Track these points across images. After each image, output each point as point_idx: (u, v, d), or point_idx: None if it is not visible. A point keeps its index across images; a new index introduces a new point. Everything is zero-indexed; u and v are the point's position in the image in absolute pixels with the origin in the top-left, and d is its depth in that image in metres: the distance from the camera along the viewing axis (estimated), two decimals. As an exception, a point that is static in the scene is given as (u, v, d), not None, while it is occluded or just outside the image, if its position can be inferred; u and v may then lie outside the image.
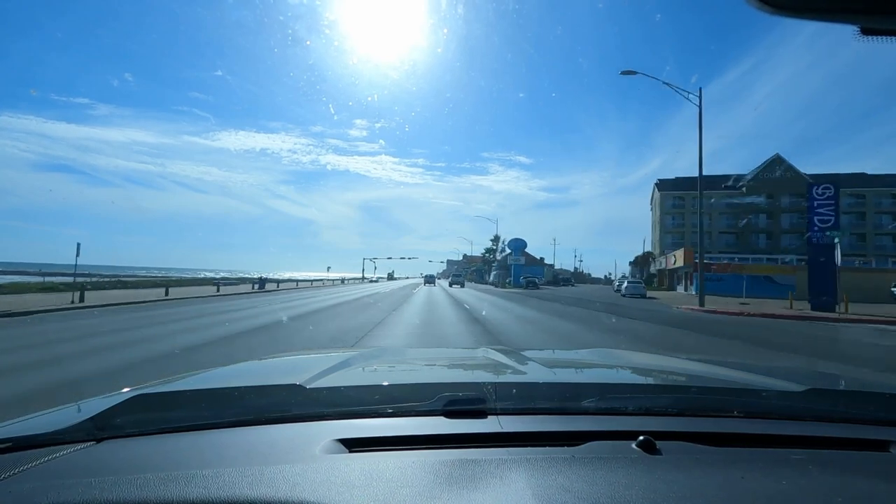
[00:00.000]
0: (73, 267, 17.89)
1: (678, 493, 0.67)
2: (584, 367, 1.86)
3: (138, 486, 0.68)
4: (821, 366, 6.99)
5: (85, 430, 0.88)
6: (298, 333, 9.90)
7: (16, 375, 5.37)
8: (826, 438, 0.93)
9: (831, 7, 0.60)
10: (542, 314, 15.85)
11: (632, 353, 2.40)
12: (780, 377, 1.46)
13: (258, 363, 1.86)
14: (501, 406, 0.99)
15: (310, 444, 0.84)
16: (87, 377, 5.32)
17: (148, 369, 5.77)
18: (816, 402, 1.14)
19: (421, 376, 1.54)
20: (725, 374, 1.61)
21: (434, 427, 0.92)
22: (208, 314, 13.34)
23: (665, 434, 0.88)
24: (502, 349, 1.95)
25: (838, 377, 1.93)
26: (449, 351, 3.49)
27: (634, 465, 0.76)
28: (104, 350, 7.05)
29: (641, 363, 1.95)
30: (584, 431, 0.89)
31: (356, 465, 0.76)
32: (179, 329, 9.95)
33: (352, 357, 1.65)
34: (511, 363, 1.61)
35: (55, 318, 11.53)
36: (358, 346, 7.79)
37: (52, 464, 0.77)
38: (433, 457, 0.80)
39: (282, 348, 7.34)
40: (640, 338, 10.13)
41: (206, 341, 8.16)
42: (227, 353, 6.78)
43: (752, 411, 1.07)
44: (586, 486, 0.68)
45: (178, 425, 0.94)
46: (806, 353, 8.76)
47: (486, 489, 0.68)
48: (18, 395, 4.47)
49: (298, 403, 1.03)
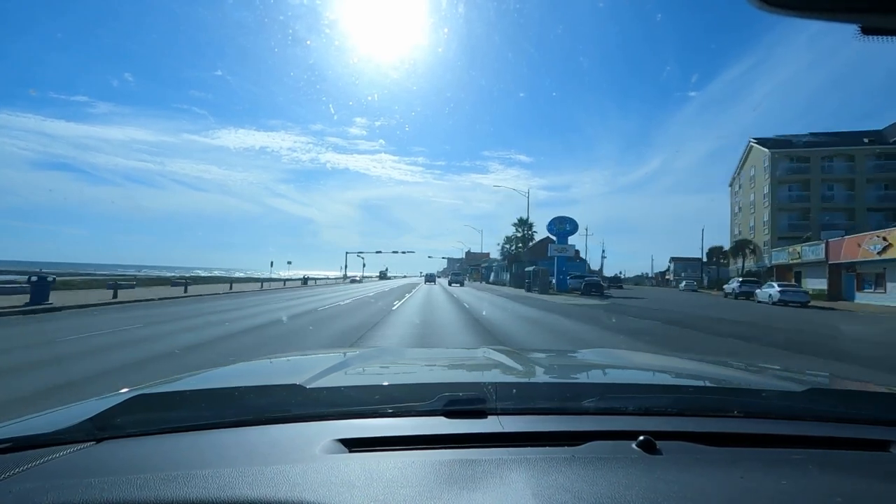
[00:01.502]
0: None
1: (678, 493, 0.67)
2: (584, 367, 1.86)
3: (138, 486, 0.68)
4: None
5: (85, 431, 0.88)
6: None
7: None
8: (826, 438, 0.93)
9: (831, 6, 0.60)
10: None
11: (632, 353, 2.43)
12: (779, 377, 1.51)
13: (258, 363, 1.89)
14: (502, 406, 0.99)
15: (310, 444, 0.84)
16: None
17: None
18: (816, 401, 1.14)
19: (421, 376, 1.53)
20: (725, 374, 1.64)
21: (434, 427, 0.92)
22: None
23: (665, 434, 0.88)
24: (503, 349, 1.97)
25: (838, 377, 1.89)
26: (449, 351, 3.58)
27: (634, 465, 0.76)
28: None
29: (641, 363, 1.95)
30: (585, 431, 0.89)
31: (356, 465, 0.76)
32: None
33: (352, 357, 1.69)
34: (511, 363, 1.61)
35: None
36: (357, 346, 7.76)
37: (52, 464, 0.77)
38: (433, 457, 0.80)
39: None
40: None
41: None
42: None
43: (752, 411, 1.06)
44: (586, 486, 0.68)
45: (178, 425, 0.93)
46: None
47: (487, 489, 0.68)
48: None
49: (298, 403, 1.02)
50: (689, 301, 27.79)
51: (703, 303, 26.47)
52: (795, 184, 45.54)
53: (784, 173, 45.52)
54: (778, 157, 45.64)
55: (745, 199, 52.34)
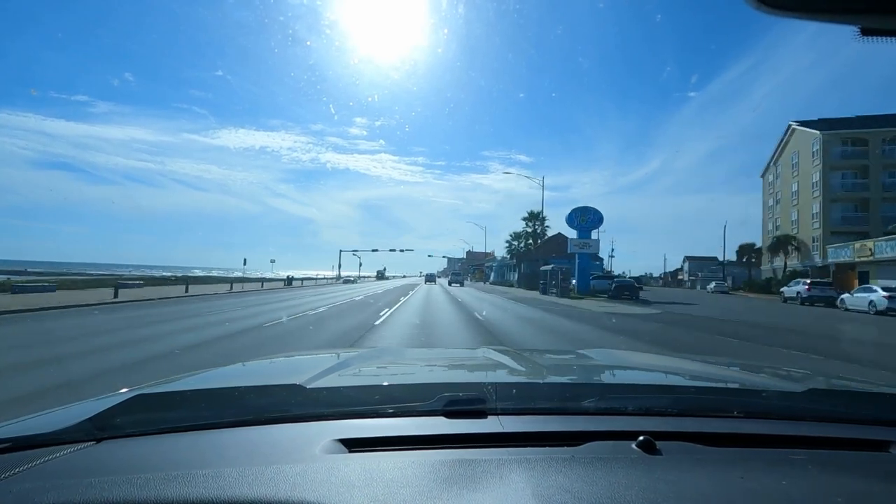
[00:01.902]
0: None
1: (678, 493, 0.67)
2: (584, 368, 1.83)
3: (138, 486, 0.68)
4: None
5: (84, 431, 0.88)
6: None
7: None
8: (826, 438, 0.93)
9: (830, 7, 0.59)
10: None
11: (632, 354, 2.52)
12: (780, 377, 1.50)
13: (258, 363, 1.88)
14: (502, 406, 0.99)
15: (310, 444, 0.84)
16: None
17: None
18: (816, 402, 1.14)
19: (421, 376, 1.52)
20: (725, 374, 1.63)
21: (434, 427, 0.92)
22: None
23: (665, 434, 0.88)
24: (503, 349, 1.99)
25: (838, 377, 1.87)
26: (449, 351, 3.59)
27: (634, 466, 0.76)
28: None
29: (641, 363, 1.94)
30: (585, 431, 0.89)
31: (356, 465, 0.76)
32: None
33: (352, 357, 1.68)
34: (511, 363, 1.61)
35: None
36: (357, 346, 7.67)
37: (51, 464, 0.77)
38: (433, 457, 0.80)
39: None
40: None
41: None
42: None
43: (752, 411, 1.06)
44: (586, 487, 0.68)
45: (177, 425, 0.93)
46: None
47: (486, 489, 0.68)
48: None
49: (298, 403, 1.02)
50: (750, 310, 21.96)
51: (774, 312, 20.80)
52: (850, 171, 39.42)
53: (837, 158, 39.52)
54: (830, 139, 39.42)
55: (785, 189, 46.16)
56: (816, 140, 40.21)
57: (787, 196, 45.80)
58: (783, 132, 47.30)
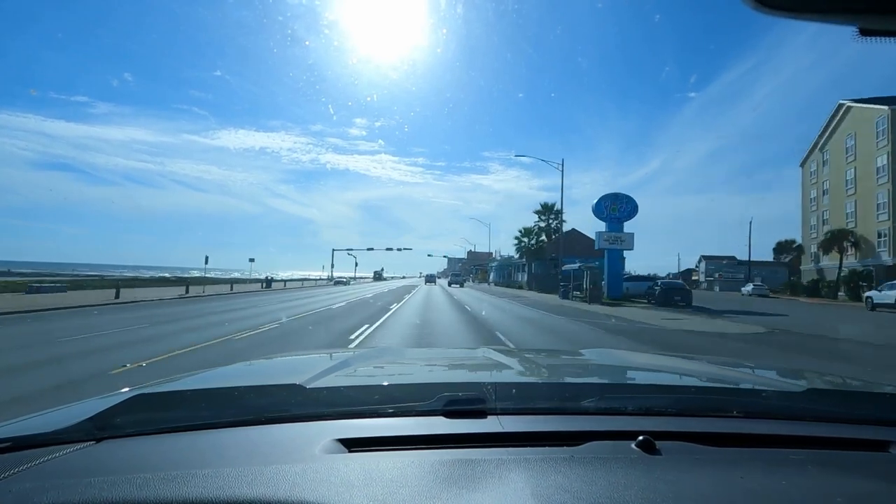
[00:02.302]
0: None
1: (678, 493, 0.67)
2: (583, 368, 1.84)
3: (138, 485, 0.68)
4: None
5: (84, 430, 0.88)
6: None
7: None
8: (826, 438, 0.93)
9: (829, 7, 0.59)
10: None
11: (631, 354, 2.44)
12: (780, 377, 1.50)
13: (258, 363, 1.87)
14: (501, 406, 0.99)
15: (309, 443, 0.84)
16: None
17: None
18: (816, 402, 1.14)
19: (421, 376, 1.52)
20: (725, 374, 1.61)
21: (434, 427, 0.92)
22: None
23: (665, 434, 0.88)
24: (502, 349, 2.06)
25: (838, 377, 1.86)
26: (449, 351, 3.58)
27: (634, 465, 0.76)
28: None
29: (641, 363, 1.93)
30: (584, 431, 0.89)
31: (356, 465, 0.76)
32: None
33: (351, 357, 1.67)
34: (511, 363, 1.62)
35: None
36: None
37: (51, 464, 0.77)
38: (433, 457, 0.80)
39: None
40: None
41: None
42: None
43: (752, 411, 1.06)
44: (586, 486, 0.68)
45: (177, 425, 0.93)
46: None
47: (486, 489, 0.68)
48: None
49: (298, 403, 1.03)
50: (863, 321, 16.53)
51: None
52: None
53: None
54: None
55: (836, 177, 40.43)
56: (884, 117, 34.29)
57: (839, 185, 39.89)
58: (829, 113, 41.48)
